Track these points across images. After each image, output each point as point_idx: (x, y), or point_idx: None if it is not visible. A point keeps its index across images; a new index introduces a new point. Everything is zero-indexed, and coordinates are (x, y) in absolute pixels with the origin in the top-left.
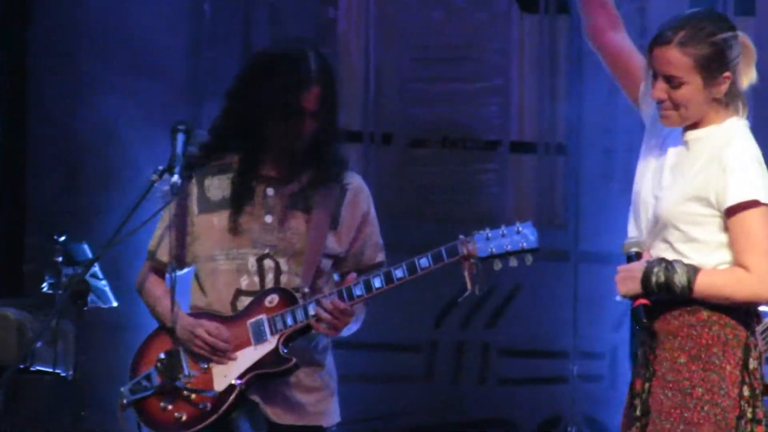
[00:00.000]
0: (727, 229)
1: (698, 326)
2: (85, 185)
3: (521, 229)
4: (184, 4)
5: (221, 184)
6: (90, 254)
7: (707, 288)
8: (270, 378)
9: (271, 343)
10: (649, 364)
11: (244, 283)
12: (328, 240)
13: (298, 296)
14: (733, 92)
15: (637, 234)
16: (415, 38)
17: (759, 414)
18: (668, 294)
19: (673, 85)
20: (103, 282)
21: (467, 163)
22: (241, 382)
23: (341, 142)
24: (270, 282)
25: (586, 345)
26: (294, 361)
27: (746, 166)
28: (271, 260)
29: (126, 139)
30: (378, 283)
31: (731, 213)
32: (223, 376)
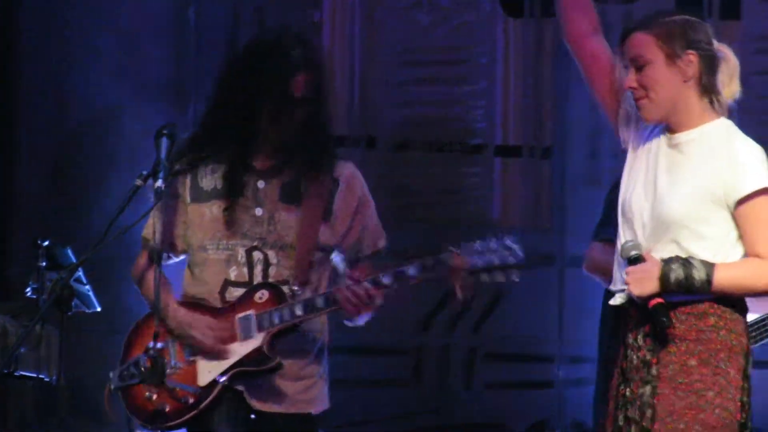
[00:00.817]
0: (737, 224)
1: (707, 331)
2: (71, 189)
3: (508, 243)
4: (170, 9)
5: (214, 175)
6: (74, 258)
7: (727, 281)
8: (253, 375)
9: (256, 341)
10: (648, 368)
11: (233, 274)
12: (321, 232)
13: (288, 294)
14: (715, 91)
15: (632, 239)
16: (401, 41)
17: (747, 420)
18: (687, 291)
19: (638, 66)
20: (87, 287)
21: (453, 166)
22: (223, 379)
23: (332, 131)
24: (258, 273)
25: (572, 349)
26: (277, 360)
27: (755, 157)
28: (260, 252)
29: (112, 144)
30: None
31: (743, 203)
32: (208, 371)
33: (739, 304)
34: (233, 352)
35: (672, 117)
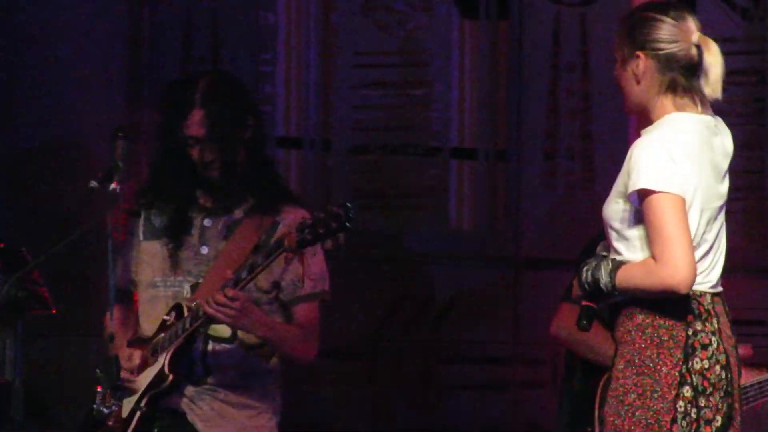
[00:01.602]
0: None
1: (633, 331)
2: (24, 192)
3: (335, 210)
4: (123, 9)
5: (164, 213)
6: (29, 260)
7: (625, 282)
8: (161, 396)
9: (160, 362)
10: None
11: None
12: None
13: (185, 311)
14: (678, 88)
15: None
16: (356, 44)
17: (708, 414)
18: (598, 292)
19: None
20: (43, 288)
21: (408, 169)
22: (141, 406)
23: (270, 168)
24: None
25: (528, 351)
26: (171, 377)
27: (646, 156)
28: (200, 285)
29: (66, 145)
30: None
31: (639, 203)
32: (128, 403)
33: (673, 299)
34: (146, 378)
35: (644, 114)
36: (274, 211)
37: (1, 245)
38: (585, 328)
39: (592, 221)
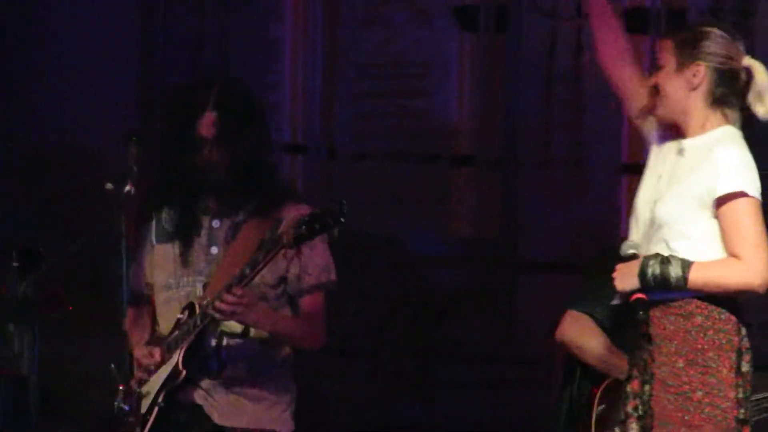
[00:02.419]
0: (719, 225)
1: (693, 332)
2: (41, 192)
3: (330, 207)
4: (137, 25)
5: (175, 215)
6: (46, 260)
7: (702, 278)
8: (177, 391)
9: (174, 359)
10: (647, 367)
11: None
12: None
13: (197, 310)
14: (727, 104)
15: (637, 239)
16: (359, 55)
17: (746, 415)
18: (664, 287)
19: (657, 69)
20: (59, 288)
21: (408, 176)
22: (159, 402)
23: (273, 170)
24: None
25: (522, 352)
26: (184, 372)
27: (734, 161)
28: (209, 284)
29: (81, 148)
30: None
31: (720, 205)
32: (147, 399)
33: (728, 303)
34: (162, 375)
35: (680, 121)
36: (276, 210)
37: (18, 246)
38: (644, 318)
39: (584, 227)
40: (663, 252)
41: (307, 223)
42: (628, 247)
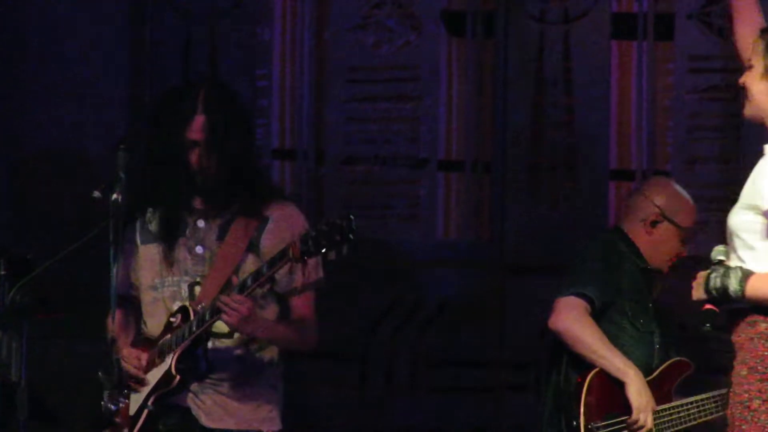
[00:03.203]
0: None
1: (756, 338)
2: (27, 198)
3: (338, 222)
4: (125, 29)
5: (159, 216)
6: (35, 266)
7: (755, 291)
8: (168, 395)
9: (167, 363)
10: (729, 375)
11: (176, 308)
12: (248, 264)
13: (192, 313)
14: None
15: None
16: (349, 59)
17: None
18: (725, 299)
19: (749, 68)
20: (48, 293)
21: (398, 180)
22: (148, 405)
23: (258, 170)
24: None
25: (513, 355)
26: (177, 378)
27: None
28: (201, 287)
29: (68, 153)
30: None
31: None
32: (135, 402)
33: None
34: (153, 378)
35: (766, 124)
36: (262, 208)
37: (7, 252)
38: (709, 330)
39: (573, 230)
40: (736, 261)
41: (314, 239)
42: (717, 253)
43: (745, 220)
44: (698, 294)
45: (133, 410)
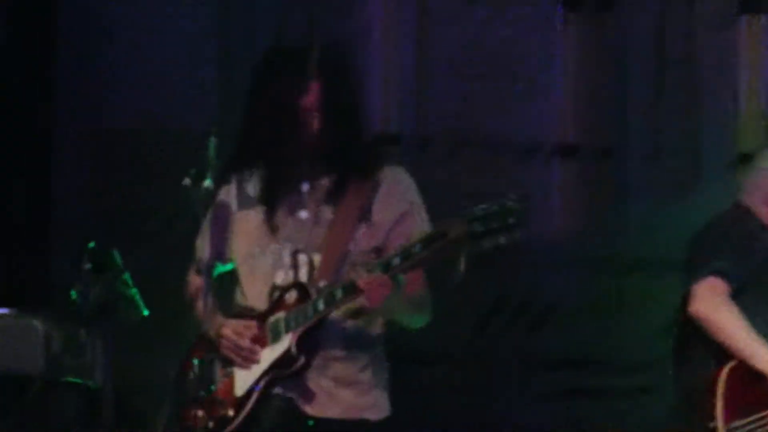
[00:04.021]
0: None
1: None
2: (114, 190)
3: (510, 204)
4: (215, 13)
5: (257, 181)
6: (120, 261)
7: None
8: (285, 378)
9: (285, 343)
10: None
11: (280, 278)
12: (360, 234)
13: (312, 292)
14: None
15: None
16: (457, 39)
17: None
18: None
19: None
20: (134, 290)
21: (508, 166)
22: (259, 388)
23: (368, 137)
24: (304, 276)
25: (630, 356)
26: (302, 360)
27: None
28: (304, 255)
29: (157, 144)
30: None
31: None
32: (243, 382)
33: None
34: (266, 358)
35: None
36: (372, 173)
37: (91, 246)
38: None
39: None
40: None
41: (482, 219)
42: None
43: None
44: None
45: (240, 390)
